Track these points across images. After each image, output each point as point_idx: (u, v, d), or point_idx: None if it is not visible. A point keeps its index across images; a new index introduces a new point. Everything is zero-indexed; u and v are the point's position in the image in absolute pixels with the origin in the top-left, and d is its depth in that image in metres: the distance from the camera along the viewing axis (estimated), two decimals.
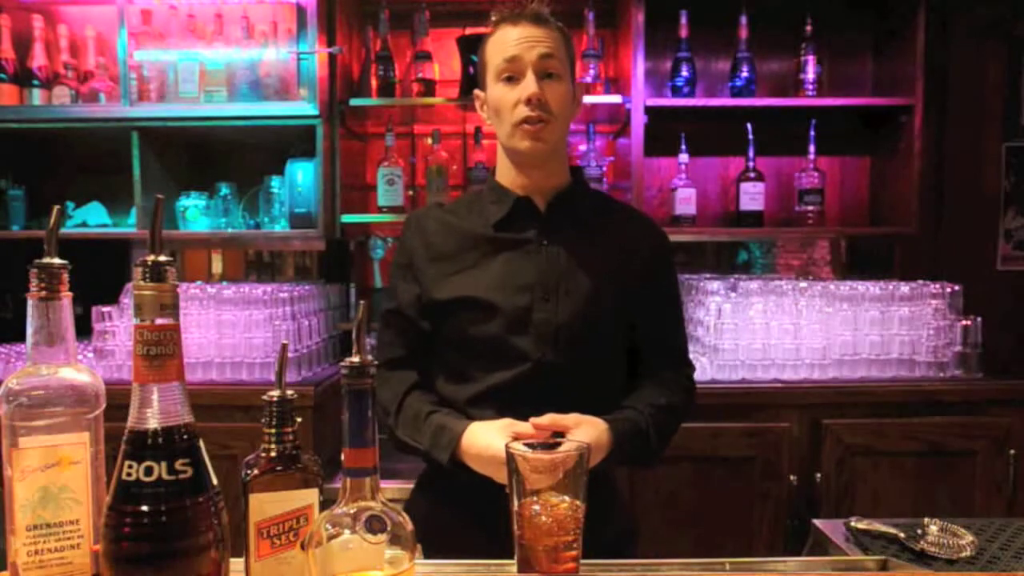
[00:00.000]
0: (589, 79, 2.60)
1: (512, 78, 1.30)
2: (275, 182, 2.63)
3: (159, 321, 0.68)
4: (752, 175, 2.66)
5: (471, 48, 2.56)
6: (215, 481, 0.70)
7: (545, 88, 1.29)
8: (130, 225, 2.59)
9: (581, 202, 1.39)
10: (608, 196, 1.54)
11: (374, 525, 0.70)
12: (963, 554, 1.16)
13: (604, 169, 2.72)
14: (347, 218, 2.56)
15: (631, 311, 1.37)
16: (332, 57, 2.49)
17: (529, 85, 1.28)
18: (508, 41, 1.30)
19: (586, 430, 1.21)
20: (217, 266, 2.95)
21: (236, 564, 0.77)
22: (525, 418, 1.22)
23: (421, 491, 1.44)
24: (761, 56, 2.70)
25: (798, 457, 2.23)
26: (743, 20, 2.61)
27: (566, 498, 0.87)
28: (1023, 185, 2.79)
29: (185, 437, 0.68)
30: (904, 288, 2.37)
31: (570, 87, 1.33)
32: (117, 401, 0.79)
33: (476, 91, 1.40)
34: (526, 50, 1.29)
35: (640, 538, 1.46)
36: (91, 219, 2.69)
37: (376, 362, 0.74)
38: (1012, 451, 2.22)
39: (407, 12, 2.68)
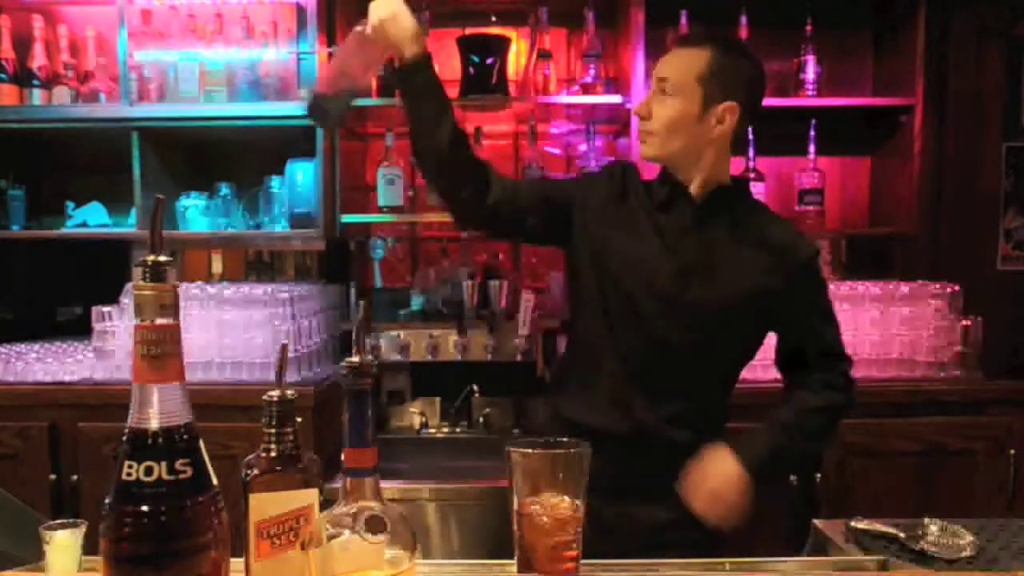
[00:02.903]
0: (589, 79, 2.60)
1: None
2: (275, 182, 2.62)
3: (159, 321, 0.68)
4: (752, 175, 2.66)
5: (471, 48, 2.56)
6: (215, 481, 0.70)
7: (655, 104, 1.46)
8: (130, 225, 2.59)
9: (736, 203, 1.51)
10: (766, 207, 1.62)
11: (374, 525, 0.70)
12: (963, 554, 1.16)
13: None
14: (347, 218, 2.56)
15: (769, 319, 1.51)
16: (332, 57, 2.49)
17: (642, 98, 1.50)
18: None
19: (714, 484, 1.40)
20: (217, 266, 2.95)
21: (236, 564, 0.77)
22: (643, 391, 1.45)
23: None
24: (761, 56, 2.67)
25: None
26: (743, 20, 2.61)
27: (566, 498, 0.87)
28: (1023, 185, 2.78)
29: (185, 437, 0.68)
30: (904, 288, 2.37)
31: (687, 105, 1.43)
32: (117, 401, 0.80)
33: None
34: (657, 71, 1.48)
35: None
36: (91, 219, 2.69)
37: (376, 360, 0.74)
38: (1012, 451, 2.22)
39: None
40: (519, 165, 2.83)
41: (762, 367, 2.30)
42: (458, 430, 2.71)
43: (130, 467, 0.67)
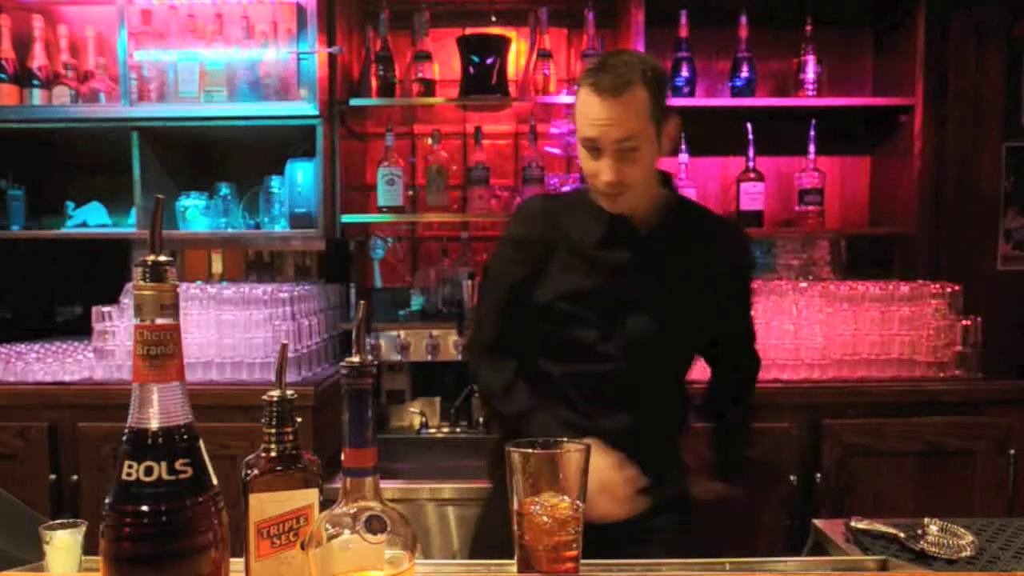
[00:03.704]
0: None
1: (595, 150, 1.38)
2: (275, 182, 2.62)
3: (159, 321, 0.68)
4: (752, 175, 2.66)
5: (471, 48, 2.56)
6: (215, 481, 0.70)
7: (624, 164, 1.36)
8: (130, 225, 2.59)
9: (677, 220, 1.50)
10: (697, 206, 1.63)
11: (374, 525, 0.70)
12: (963, 554, 1.16)
13: None
14: (347, 218, 2.56)
15: (711, 321, 1.52)
16: (332, 57, 2.49)
17: (605, 171, 1.36)
18: (589, 115, 1.36)
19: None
20: (217, 266, 2.95)
21: (236, 564, 0.77)
22: (607, 404, 1.46)
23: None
24: (761, 56, 2.70)
25: (798, 457, 2.22)
26: (743, 20, 2.61)
27: (566, 498, 0.87)
28: (1023, 185, 2.78)
29: (185, 437, 0.68)
30: (904, 288, 2.37)
31: (652, 144, 1.38)
32: (117, 401, 0.80)
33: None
34: (604, 133, 1.35)
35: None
36: (91, 219, 2.69)
37: (376, 360, 0.74)
38: (1012, 451, 2.22)
39: (407, 12, 2.67)
40: (519, 165, 2.83)
41: None
42: (458, 430, 2.71)
43: (130, 467, 0.67)
